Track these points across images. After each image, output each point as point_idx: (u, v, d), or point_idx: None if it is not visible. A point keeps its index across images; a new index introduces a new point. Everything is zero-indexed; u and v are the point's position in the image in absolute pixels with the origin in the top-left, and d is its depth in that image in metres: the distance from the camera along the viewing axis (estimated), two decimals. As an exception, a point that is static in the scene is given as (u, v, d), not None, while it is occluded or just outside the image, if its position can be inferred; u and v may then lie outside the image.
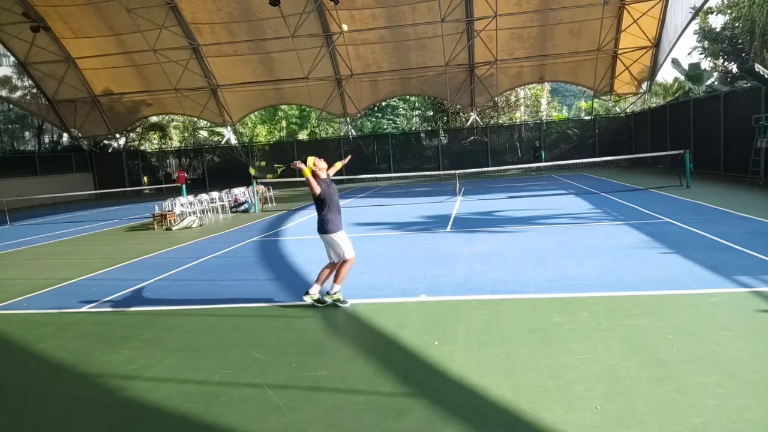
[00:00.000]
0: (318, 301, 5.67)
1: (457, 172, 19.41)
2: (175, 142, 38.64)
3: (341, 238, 5.68)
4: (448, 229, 10.67)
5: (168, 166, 33.67)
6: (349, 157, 7.43)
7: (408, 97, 36.83)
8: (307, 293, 5.68)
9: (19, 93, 30.46)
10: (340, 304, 5.60)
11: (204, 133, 39.97)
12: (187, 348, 4.72)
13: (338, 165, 6.57)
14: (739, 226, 8.68)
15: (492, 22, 24.50)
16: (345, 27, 16.22)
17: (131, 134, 36.05)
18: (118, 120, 32.46)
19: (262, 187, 18.68)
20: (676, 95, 27.73)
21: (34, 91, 30.43)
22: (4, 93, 29.90)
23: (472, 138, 29.59)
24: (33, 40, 27.14)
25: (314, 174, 5.65)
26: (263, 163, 6.51)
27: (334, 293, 5.62)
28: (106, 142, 34.38)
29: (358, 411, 3.39)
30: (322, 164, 5.80)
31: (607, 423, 3.05)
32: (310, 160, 5.64)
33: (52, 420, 3.58)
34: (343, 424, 3.24)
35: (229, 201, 16.94)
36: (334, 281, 5.61)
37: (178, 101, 30.17)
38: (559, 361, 3.90)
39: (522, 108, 38.26)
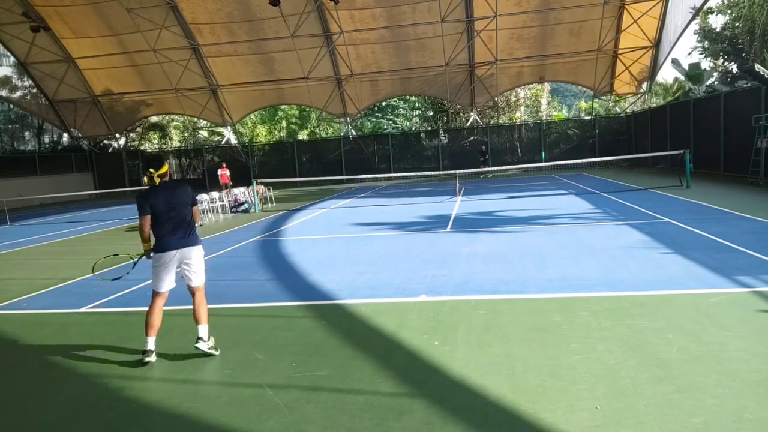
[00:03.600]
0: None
1: (457, 172, 19.41)
2: (175, 142, 38.64)
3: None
4: (448, 229, 10.67)
5: (168, 165, 33.61)
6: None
7: (408, 97, 36.85)
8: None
9: (19, 93, 30.47)
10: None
11: (204, 133, 39.96)
12: (187, 348, 4.71)
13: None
14: (739, 226, 8.68)
15: (492, 22, 24.50)
16: None
17: (131, 134, 36.06)
18: (118, 120, 32.46)
19: (262, 187, 18.69)
20: (676, 95, 27.73)
21: (34, 91, 30.42)
22: (4, 93, 29.90)
23: (472, 138, 29.59)
24: (33, 40, 27.14)
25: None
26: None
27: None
28: (106, 142, 34.38)
29: (358, 411, 3.39)
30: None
31: (607, 423, 3.05)
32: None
33: (52, 420, 3.58)
34: (343, 424, 3.24)
35: (229, 201, 16.93)
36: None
37: (178, 101, 30.18)
38: (559, 361, 3.90)
39: (522, 108, 38.28)
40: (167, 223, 4.53)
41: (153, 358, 4.40)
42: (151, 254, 4.61)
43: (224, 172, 22.51)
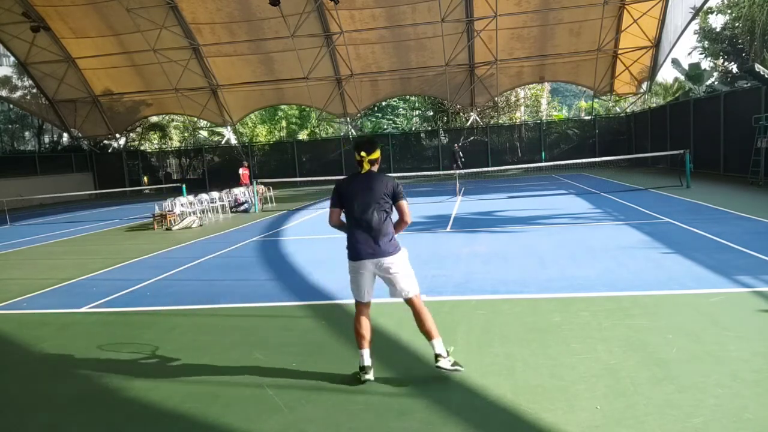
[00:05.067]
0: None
1: (457, 172, 19.41)
2: (175, 142, 38.64)
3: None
4: (448, 229, 10.67)
5: (168, 165, 33.67)
6: None
7: (408, 97, 36.83)
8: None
9: (19, 93, 30.46)
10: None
11: (204, 133, 39.96)
12: (187, 348, 4.72)
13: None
14: (739, 226, 8.68)
15: (492, 22, 24.49)
16: None
17: (131, 134, 36.04)
18: (118, 120, 32.45)
19: (262, 187, 18.68)
20: (676, 95, 27.73)
21: (34, 91, 30.42)
22: (4, 93, 29.89)
23: (472, 138, 29.59)
24: (33, 40, 27.12)
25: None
26: None
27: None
28: (106, 142, 34.38)
29: (358, 411, 3.39)
30: None
31: (607, 423, 3.05)
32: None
33: (52, 420, 3.58)
34: (343, 424, 3.24)
35: (229, 201, 16.93)
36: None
37: (178, 101, 30.17)
38: (559, 361, 3.90)
39: (522, 108, 38.27)
40: (357, 224, 3.77)
41: (371, 375, 3.72)
42: None
43: (245, 172, 21.75)
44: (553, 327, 4.61)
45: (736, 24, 26.06)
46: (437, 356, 3.71)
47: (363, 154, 3.77)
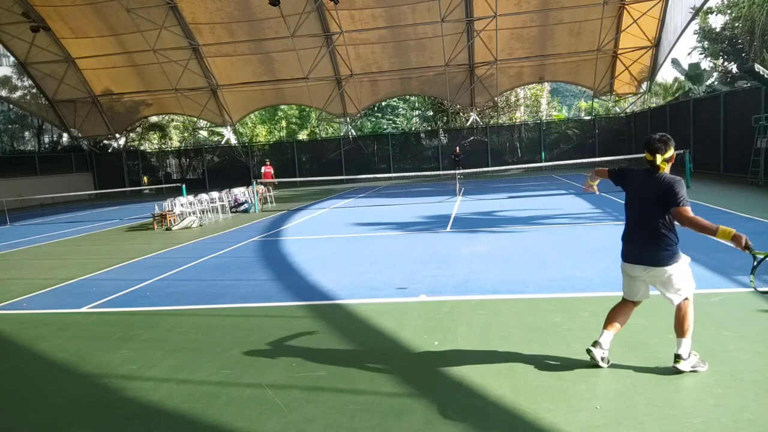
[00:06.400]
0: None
1: (457, 172, 19.41)
2: (175, 142, 38.63)
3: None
4: (448, 229, 10.67)
5: (168, 165, 33.66)
6: None
7: (408, 97, 36.83)
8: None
9: (19, 93, 30.46)
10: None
11: (204, 133, 39.94)
12: (187, 348, 4.72)
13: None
14: (739, 226, 8.62)
15: (492, 22, 24.50)
16: None
17: (131, 134, 36.03)
18: (118, 120, 32.45)
19: (262, 187, 18.69)
20: (676, 95, 27.73)
21: (34, 91, 30.42)
22: (4, 93, 29.88)
23: (472, 138, 29.59)
24: (33, 40, 27.13)
25: None
26: None
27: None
28: (106, 142, 34.37)
29: (358, 411, 3.39)
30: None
31: (607, 423, 3.05)
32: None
33: (52, 420, 3.58)
34: (343, 424, 3.24)
35: (229, 201, 16.93)
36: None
37: (178, 101, 30.17)
38: (559, 361, 3.90)
39: (522, 108, 38.27)
40: (627, 222, 3.74)
41: (598, 353, 3.67)
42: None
43: (268, 170, 21.33)
44: (553, 327, 4.61)
45: (736, 24, 26.03)
46: (676, 356, 3.60)
47: (657, 155, 3.56)
